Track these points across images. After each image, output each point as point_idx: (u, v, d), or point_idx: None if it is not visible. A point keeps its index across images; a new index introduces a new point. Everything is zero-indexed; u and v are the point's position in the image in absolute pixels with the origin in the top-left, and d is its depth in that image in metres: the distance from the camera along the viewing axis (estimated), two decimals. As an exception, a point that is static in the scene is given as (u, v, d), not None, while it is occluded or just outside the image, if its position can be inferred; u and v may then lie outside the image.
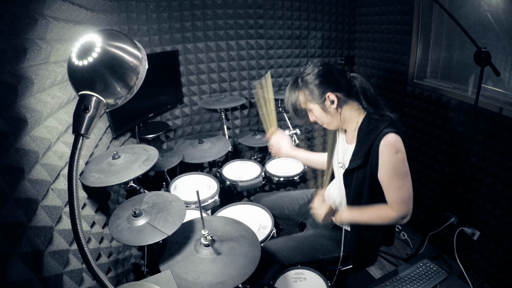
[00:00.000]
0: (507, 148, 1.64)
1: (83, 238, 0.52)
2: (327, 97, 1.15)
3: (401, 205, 1.14)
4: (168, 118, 2.38)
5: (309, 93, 1.18)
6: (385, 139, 1.09)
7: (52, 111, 1.03)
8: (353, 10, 2.72)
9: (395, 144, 1.09)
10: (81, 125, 0.55)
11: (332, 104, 1.16)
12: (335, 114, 1.20)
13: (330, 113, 1.19)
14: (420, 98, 2.19)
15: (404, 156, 1.11)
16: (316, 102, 1.18)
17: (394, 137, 1.09)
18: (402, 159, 1.10)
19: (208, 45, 2.30)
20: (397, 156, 1.09)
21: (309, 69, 1.20)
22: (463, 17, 1.84)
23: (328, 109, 1.18)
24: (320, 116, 1.22)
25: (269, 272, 1.27)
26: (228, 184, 1.94)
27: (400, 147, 1.10)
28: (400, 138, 1.10)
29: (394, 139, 1.09)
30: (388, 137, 1.09)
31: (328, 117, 1.21)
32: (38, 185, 0.88)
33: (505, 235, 1.70)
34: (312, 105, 1.20)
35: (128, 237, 1.06)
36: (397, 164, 1.10)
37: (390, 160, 1.10)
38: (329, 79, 1.16)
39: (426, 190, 2.26)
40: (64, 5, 1.12)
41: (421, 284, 1.24)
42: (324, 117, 1.21)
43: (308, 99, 1.20)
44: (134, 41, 0.63)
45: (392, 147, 1.09)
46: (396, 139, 1.09)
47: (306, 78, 1.19)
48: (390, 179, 1.12)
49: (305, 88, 1.19)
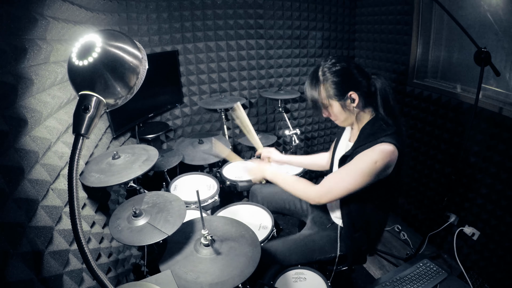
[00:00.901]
0: (507, 148, 1.64)
1: (83, 238, 0.52)
2: (349, 95, 1.14)
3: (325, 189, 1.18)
4: (168, 118, 2.38)
5: (331, 89, 1.16)
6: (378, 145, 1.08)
7: (52, 111, 1.03)
8: (353, 10, 2.72)
9: (381, 154, 1.06)
10: (81, 125, 0.55)
11: (353, 103, 1.15)
12: (352, 113, 1.19)
13: (349, 111, 1.18)
14: (420, 98, 2.19)
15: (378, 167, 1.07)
16: (337, 99, 1.16)
17: (387, 149, 1.07)
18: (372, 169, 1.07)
19: (208, 45, 2.30)
20: (371, 163, 1.07)
21: (330, 63, 1.17)
22: (463, 17, 1.84)
23: (348, 107, 1.17)
24: (338, 113, 1.20)
25: (269, 272, 1.27)
26: (228, 184, 1.94)
27: (385, 160, 1.06)
28: (395, 153, 1.08)
29: (385, 150, 1.07)
30: (381, 146, 1.08)
31: (345, 115, 1.20)
32: (38, 185, 0.88)
33: (505, 235, 1.70)
34: (332, 102, 1.18)
35: (128, 237, 1.06)
36: (364, 166, 1.08)
37: (362, 159, 1.09)
38: (351, 77, 1.15)
39: (426, 190, 2.26)
40: (64, 5, 1.12)
41: (421, 284, 1.24)
42: (342, 114, 1.20)
43: (329, 95, 1.17)
44: (134, 41, 0.63)
45: (378, 153, 1.07)
46: (387, 151, 1.06)
47: (327, 73, 1.16)
48: (347, 165, 1.14)
49: (327, 83, 1.16)
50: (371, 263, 2.08)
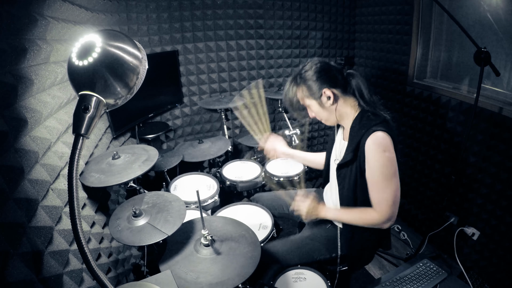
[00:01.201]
0: (507, 148, 1.64)
1: (83, 238, 0.52)
2: (323, 92, 1.17)
3: (385, 208, 1.12)
4: (168, 118, 2.38)
5: (306, 89, 1.21)
6: (372, 137, 1.08)
7: (52, 111, 1.03)
8: (353, 10, 2.72)
9: (382, 142, 1.08)
10: (81, 125, 0.55)
11: (329, 100, 1.18)
12: (332, 110, 1.22)
13: (327, 109, 1.21)
14: (420, 98, 2.19)
15: (393, 156, 1.09)
16: (313, 98, 1.21)
17: (382, 135, 1.08)
18: (390, 159, 1.09)
19: (208, 45, 2.30)
20: (384, 155, 1.08)
21: (307, 66, 1.22)
22: (463, 17, 1.84)
23: (325, 105, 1.20)
24: (318, 111, 1.25)
25: (269, 272, 1.27)
26: (228, 184, 1.94)
27: (388, 146, 1.08)
28: (389, 138, 1.09)
29: (381, 137, 1.08)
30: (375, 135, 1.08)
31: (326, 113, 1.23)
32: (38, 185, 0.88)
33: (505, 235, 1.70)
34: (309, 101, 1.23)
35: (128, 237, 1.06)
36: (383, 163, 1.09)
37: (376, 159, 1.09)
38: (325, 75, 1.18)
39: (426, 190, 2.26)
40: (64, 5, 1.12)
41: (421, 284, 1.24)
42: (322, 112, 1.24)
43: (305, 95, 1.22)
44: (134, 41, 0.63)
45: (379, 146, 1.08)
46: (383, 137, 1.08)
47: (304, 74, 1.21)
48: (375, 178, 1.11)
49: (303, 84, 1.21)
50: (371, 263, 2.08)
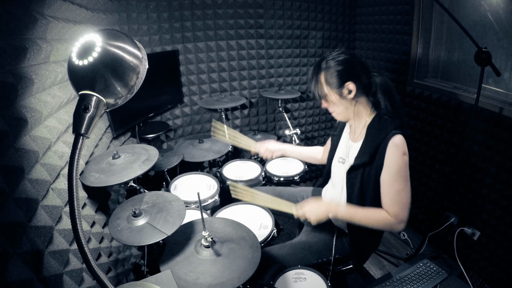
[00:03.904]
0: (507, 148, 1.64)
1: (83, 238, 0.52)
2: (347, 85, 1.15)
3: (399, 210, 1.14)
4: (168, 118, 2.38)
5: (329, 76, 1.17)
6: (394, 140, 1.10)
7: (52, 111, 1.03)
8: (353, 10, 2.72)
9: (402, 145, 1.11)
10: (81, 125, 0.55)
11: (349, 94, 1.16)
12: (350, 105, 1.20)
13: (346, 102, 1.19)
14: (420, 98, 2.19)
15: (408, 160, 1.12)
16: (334, 87, 1.17)
17: (402, 138, 1.11)
18: (406, 163, 1.12)
19: (208, 44, 2.30)
20: (403, 158, 1.11)
21: (335, 54, 1.19)
22: (464, 17, 1.84)
23: (345, 98, 1.18)
24: (335, 103, 1.21)
25: (269, 272, 1.27)
26: (228, 184, 1.94)
27: (406, 150, 1.12)
28: (405, 142, 1.12)
29: (402, 141, 1.11)
30: (396, 138, 1.10)
31: (342, 106, 1.20)
32: (38, 185, 0.88)
33: (505, 235, 1.70)
34: (330, 90, 1.19)
35: (128, 237, 1.06)
36: (402, 166, 1.11)
37: (396, 161, 1.11)
38: (351, 69, 1.16)
39: (426, 190, 2.26)
40: (64, 5, 1.12)
41: (421, 284, 1.24)
42: (339, 105, 1.20)
43: (327, 82, 1.18)
44: (134, 41, 0.63)
45: (399, 148, 1.10)
46: (403, 141, 1.11)
47: (330, 62, 1.18)
48: (393, 180, 1.13)
49: (327, 71, 1.18)
50: (371, 263, 2.08)
